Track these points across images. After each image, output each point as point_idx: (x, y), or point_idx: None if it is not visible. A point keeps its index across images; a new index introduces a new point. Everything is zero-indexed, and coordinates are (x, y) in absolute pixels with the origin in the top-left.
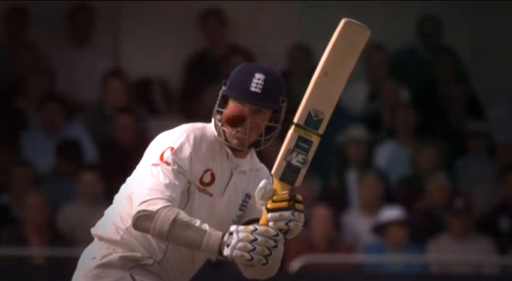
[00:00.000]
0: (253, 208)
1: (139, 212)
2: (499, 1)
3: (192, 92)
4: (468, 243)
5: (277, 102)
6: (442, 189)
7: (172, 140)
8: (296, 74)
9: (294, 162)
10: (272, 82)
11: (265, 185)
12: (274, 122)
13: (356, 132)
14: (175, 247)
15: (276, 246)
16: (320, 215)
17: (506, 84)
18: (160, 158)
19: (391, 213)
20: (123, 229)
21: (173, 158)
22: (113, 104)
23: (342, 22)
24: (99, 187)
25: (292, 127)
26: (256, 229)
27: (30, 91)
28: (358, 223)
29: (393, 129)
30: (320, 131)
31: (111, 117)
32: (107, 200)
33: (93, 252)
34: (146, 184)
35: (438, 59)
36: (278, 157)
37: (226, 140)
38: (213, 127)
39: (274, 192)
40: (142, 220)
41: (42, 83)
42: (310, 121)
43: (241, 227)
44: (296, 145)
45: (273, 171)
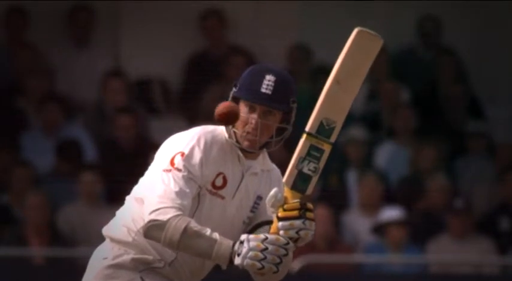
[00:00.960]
0: (264, 210)
1: (150, 221)
2: (499, 1)
3: (192, 92)
4: (468, 243)
5: (287, 103)
6: (442, 189)
7: (182, 145)
8: (296, 74)
9: (306, 170)
10: (282, 83)
11: (276, 193)
12: (285, 123)
13: (356, 132)
14: None
15: (287, 254)
16: (320, 215)
17: (506, 84)
18: (171, 163)
19: (391, 213)
20: (134, 231)
21: (184, 164)
22: (113, 104)
23: (355, 31)
24: (99, 187)
25: (304, 136)
26: (267, 238)
27: (30, 91)
28: (358, 223)
29: (393, 129)
30: (332, 140)
31: (111, 117)
32: (107, 200)
33: (104, 252)
34: (157, 191)
35: (438, 59)
36: (289, 166)
37: (237, 142)
38: (224, 129)
39: (285, 200)
40: (153, 230)
41: (42, 83)
42: (322, 130)
43: (251, 236)
44: (308, 154)
45: (284, 179)
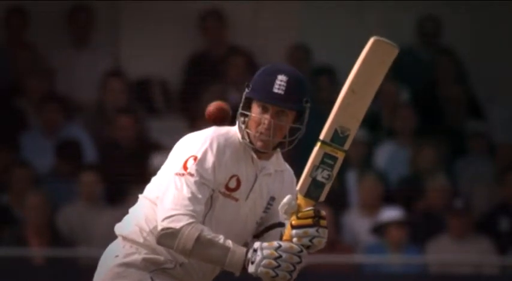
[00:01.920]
0: (276, 210)
1: (162, 229)
2: (500, 1)
3: (192, 92)
4: (468, 243)
5: (300, 103)
6: (442, 189)
7: (195, 148)
8: None
9: (319, 178)
10: (295, 83)
11: (289, 200)
12: (298, 124)
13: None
14: None
15: (300, 262)
16: None
17: (506, 84)
18: (183, 167)
19: (391, 213)
20: (146, 231)
21: (196, 168)
22: (113, 104)
23: (371, 40)
24: (99, 187)
25: (318, 144)
26: (280, 246)
27: (30, 91)
28: (358, 223)
29: (393, 129)
30: (345, 148)
31: (111, 117)
32: (107, 200)
33: (116, 250)
34: (170, 197)
35: (438, 59)
36: (303, 173)
37: (250, 143)
38: (237, 130)
39: (298, 207)
40: (165, 238)
41: (42, 83)
42: (336, 138)
43: (265, 244)
44: (322, 161)
45: (298, 187)
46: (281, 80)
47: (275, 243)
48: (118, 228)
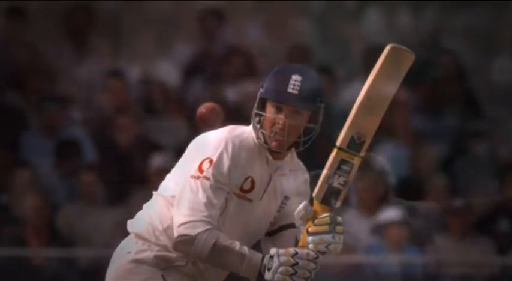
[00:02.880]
0: (289, 210)
1: (179, 236)
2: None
3: (192, 92)
4: (468, 243)
5: (315, 103)
6: (442, 189)
7: (210, 150)
8: None
9: (335, 184)
10: (309, 83)
11: (305, 206)
12: (313, 123)
13: None
14: None
15: (317, 268)
16: None
17: (506, 84)
18: (199, 169)
19: (391, 213)
20: (159, 230)
21: (212, 172)
22: (113, 104)
23: (388, 48)
24: (98, 187)
25: (334, 150)
26: (297, 253)
27: (29, 91)
28: (357, 224)
29: (393, 129)
30: (362, 154)
31: (111, 117)
32: (107, 200)
33: (128, 246)
34: (186, 202)
35: (438, 59)
36: (320, 180)
37: (265, 143)
38: (252, 130)
39: (314, 213)
40: (182, 244)
41: (42, 83)
42: (352, 144)
43: (281, 250)
44: (338, 168)
45: (315, 194)
46: (295, 80)
47: (291, 250)
48: (130, 225)
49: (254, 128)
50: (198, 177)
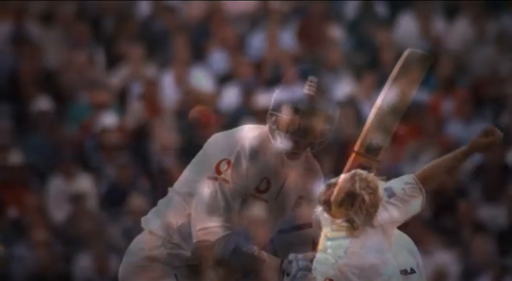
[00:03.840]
0: (304, 210)
1: (198, 241)
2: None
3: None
4: (468, 243)
5: (330, 104)
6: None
7: (228, 151)
8: None
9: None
10: (325, 85)
11: (322, 212)
12: (328, 124)
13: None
14: None
15: (335, 273)
16: None
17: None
18: (216, 170)
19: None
20: (173, 228)
21: (230, 174)
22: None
23: (406, 52)
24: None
25: (353, 155)
26: (315, 258)
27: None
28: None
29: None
30: (379, 158)
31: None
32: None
33: (142, 242)
34: (204, 205)
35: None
36: (338, 184)
37: (281, 143)
38: (269, 131)
39: (332, 218)
40: (201, 250)
41: (40, 82)
42: (370, 149)
43: (300, 255)
44: None
45: (333, 198)
46: (311, 81)
47: (310, 255)
48: (145, 222)
49: (270, 129)
50: (216, 178)
